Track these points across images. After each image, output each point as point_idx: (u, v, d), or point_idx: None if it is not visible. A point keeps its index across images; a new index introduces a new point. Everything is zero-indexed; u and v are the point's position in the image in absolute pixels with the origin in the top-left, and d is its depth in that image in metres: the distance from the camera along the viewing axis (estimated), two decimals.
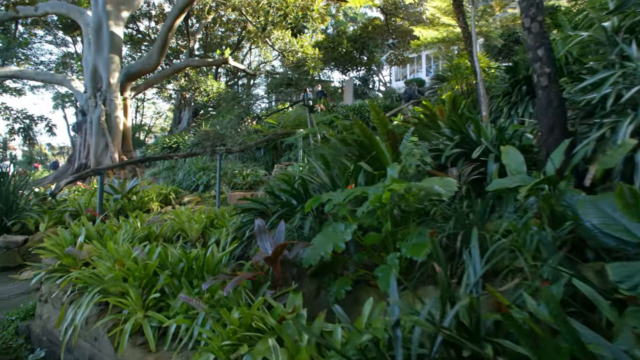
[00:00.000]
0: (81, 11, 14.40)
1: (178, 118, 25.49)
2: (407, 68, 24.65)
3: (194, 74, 20.59)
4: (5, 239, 4.28)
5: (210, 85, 20.13)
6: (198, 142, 4.10)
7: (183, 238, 3.96)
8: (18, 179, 5.17)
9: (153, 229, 3.68)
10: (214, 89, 20.03)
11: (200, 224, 3.96)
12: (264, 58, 26.47)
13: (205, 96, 20.51)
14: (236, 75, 28.36)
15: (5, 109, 22.18)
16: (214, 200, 6.06)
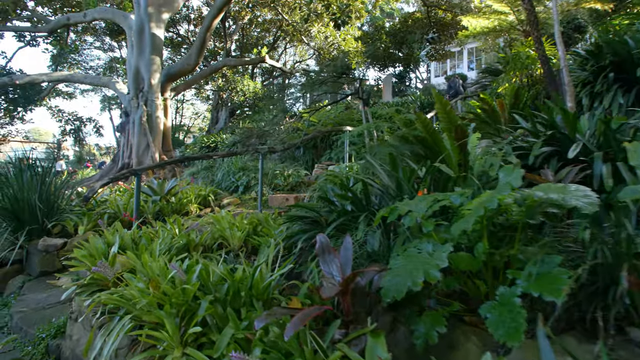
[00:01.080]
0: (125, 15, 14.64)
1: (215, 118, 25.75)
2: (447, 63, 23.44)
3: (230, 74, 20.61)
4: (45, 242, 4.06)
5: (246, 84, 20.06)
6: (240, 141, 3.72)
7: (224, 247, 3.54)
8: (63, 178, 4.99)
9: (192, 237, 3.28)
10: (251, 89, 19.93)
11: (243, 232, 3.53)
12: (300, 57, 26.13)
13: (242, 96, 20.48)
14: (271, 75, 28.31)
15: (59, 111, 23.28)
16: (254, 202, 5.66)
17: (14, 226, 4.28)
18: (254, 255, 3.59)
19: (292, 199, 5.14)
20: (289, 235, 3.03)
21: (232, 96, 21.04)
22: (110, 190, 7.24)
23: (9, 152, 18.65)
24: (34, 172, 4.59)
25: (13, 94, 18.74)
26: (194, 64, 13.77)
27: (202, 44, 13.55)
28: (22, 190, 4.39)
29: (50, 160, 4.99)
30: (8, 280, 4.04)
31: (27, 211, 4.36)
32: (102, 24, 21.23)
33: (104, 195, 6.32)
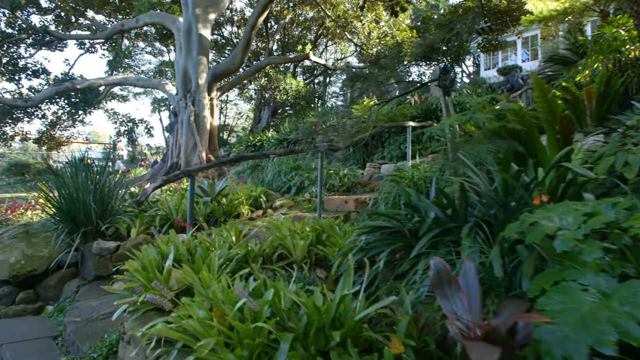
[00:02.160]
0: (173, 19, 14.89)
1: (258, 117, 25.89)
2: (498, 55, 21.88)
3: (273, 73, 20.53)
4: (99, 245, 3.87)
5: (289, 83, 19.87)
6: (300, 137, 3.32)
7: (284, 257, 3.12)
8: (117, 178, 4.84)
9: (251, 247, 2.88)
10: (293, 87, 19.72)
11: (306, 241, 3.09)
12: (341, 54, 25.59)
13: (285, 94, 20.32)
14: (312, 73, 28.03)
15: (114, 113, 24.47)
16: (309, 204, 5.24)
17: (69, 228, 4.16)
18: (319, 268, 3.14)
19: (351, 201, 4.65)
20: (365, 247, 2.54)
21: (275, 95, 20.96)
22: (160, 190, 7.16)
23: (72, 153, 19.50)
24: (89, 172, 4.46)
25: (75, 98, 19.82)
26: (239, 62, 13.69)
27: (247, 42, 13.43)
28: (77, 191, 4.27)
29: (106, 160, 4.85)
30: (64, 284, 3.90)
31: (82, 212, 4.23)
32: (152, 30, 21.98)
33: (155, 195, 6.19)
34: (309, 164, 5.91)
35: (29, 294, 3.77)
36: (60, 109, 20.25)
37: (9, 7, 17.06)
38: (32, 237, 4.02)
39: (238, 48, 13.72)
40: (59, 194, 4.32)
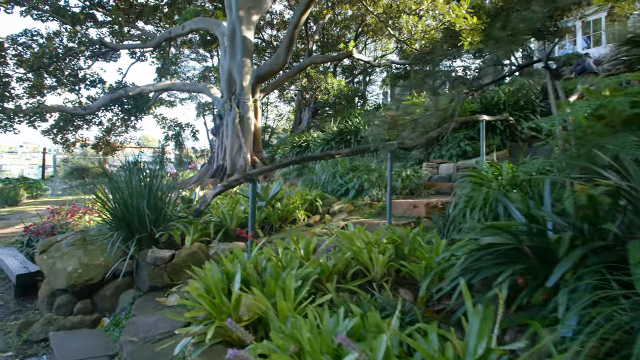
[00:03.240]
0: (217, 23, 15.00)
1: (299, 119, 25.75)
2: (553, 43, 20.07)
3: (314, 74, 20.23)
4: (154, 254, 3.62)
5: (330, 82, 19.46)
6: (375, 135, 2.85)
7: (361, 274, 2.65)
8: (167, 181, 4.62)
9: (324, 263, 2.44)
10: (335, 87, 19.28)
11: (386, 255, 2.60)
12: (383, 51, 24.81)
13: (326, 94, 19.95)
14: (352, 72, 27.45)
15: (162, 118, 25.41)
16: (370, 209, 4.74)
17: (124, 235, 3.96)
18: (402, 288, 2.64)
19: (421, 206, 4.09)
20: (473, 267, 2.01)
21: (316, 95, 20.65)
22: None
23: (125, 157, 20.20)
24: (142, 176, 4.26)
25: (127, 105, 20.71)
26: (282, 63, 13.48)
27: (290, 42, 13.17)
28: (131, 196, 4.07)
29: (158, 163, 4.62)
30: (120, 294, 3.70)
31: (136, 218, 4.03)
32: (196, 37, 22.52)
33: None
34: (368, 165, 5.41)
35: (86, 304, 3.60)
36: (115, 115, 21.27)
37: (70, 23, 18.10)
38: (88, 245, 3.86)
39: (281, 48, 13.51)
40: (113, 199, 4.15)
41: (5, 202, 12.52)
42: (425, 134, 2.99)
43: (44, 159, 22.65)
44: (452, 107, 2.69)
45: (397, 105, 2.63)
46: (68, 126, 20.31)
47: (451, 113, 2.70)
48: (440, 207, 4.14)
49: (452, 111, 2.71)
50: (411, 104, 3.01)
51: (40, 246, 3.87)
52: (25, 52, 18.12)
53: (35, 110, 17.39)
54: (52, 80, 19.63)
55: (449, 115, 2.68)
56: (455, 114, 2.76)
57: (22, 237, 5.78)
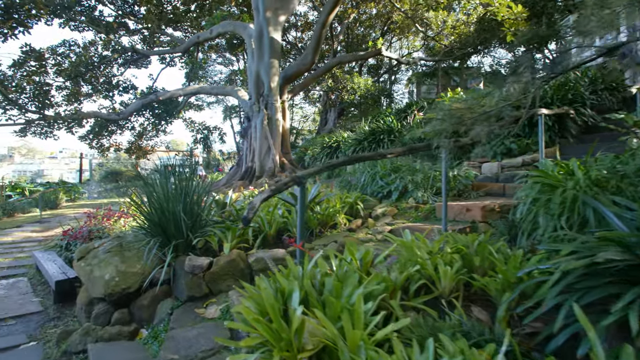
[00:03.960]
0: (244, 26, 14.98)
1: (324, 120, 25.54)
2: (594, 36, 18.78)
3: (340, 74, 19.94)
4: (191, 261, 3.42)
5: (357, 82, 19.10)
6: (438, 131, 2.52)
7: (425, 289, 2.31)
8: (204, 184, 4.43)
9: (388, 277, 2.12)
10: (362, 86, 18.90)
11: (455, 267, 2.25)
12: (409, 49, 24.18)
13: (352, 94, 19.60)
14: (377, 72, 26.95)
15: (191, 122, 25.84)
16: (416, 212, 4.37)
17: (161, 241, 3.79)
18: (474, 305, 2.27)
19: (476, 209, 3.69)
20: (576, 286, 1.63)
21: (342, 95, 20.33)
22: (244, 197, 6.79)
23: (159, 159, 20.50)
24: (177, 179, 4.09)
25: (158, 109, 21.15)
26: (310, 63, 13.26)
27: (318, 41, 12.93)
28: (167, 200, 3.90)
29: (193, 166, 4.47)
30: (157, 304, 3.52)
31: (172, 224, 3.85)
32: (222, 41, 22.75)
33: (238, 203, 5.78)
34: (412, 165, 5.03)
35: (124, 314, 3.44)
36: (146, 120, 21.77)
37: (104, 31, 18.68)
38: (125, 251, 3.72)
39: (308, 48, 13.30)
40: (149, 203, 4.00)
41: (46, 206, 12.96)
42: (502, 126, 2.61)
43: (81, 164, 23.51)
44: (531, 96, 2.30)
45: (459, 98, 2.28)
46: (103, 131, 20.98)
47: (531, 103, 2.31)
48: (497, 211, 3.72)
49: (532, 101, 2.32)
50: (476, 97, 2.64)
51: (77, 253, 3.77)
52: (63, 61, 18.84)
53: (72, 117, 18.03)
54: (88, 88, 20.35)
55: (529, 105, 2.29)
56: (535, 103, 2.37)
57: (60, 241, 5.81)
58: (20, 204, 12.34)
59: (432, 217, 4.24)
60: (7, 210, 11.73)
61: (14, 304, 4.41)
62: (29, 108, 16.92)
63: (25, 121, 16.95)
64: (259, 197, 2.16)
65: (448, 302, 2.26)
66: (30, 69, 17.03)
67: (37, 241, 8.00)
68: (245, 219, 2.01)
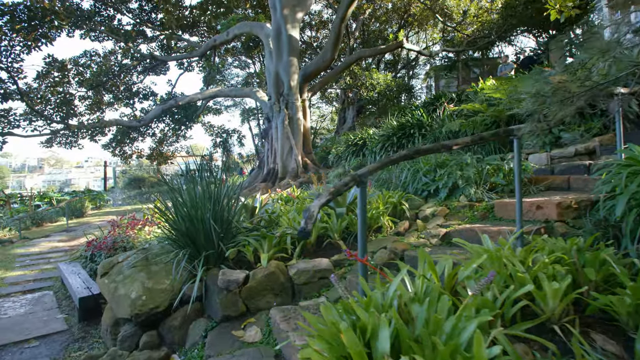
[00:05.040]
0: (261, 25, 14.65)
1: (343, 118, 25.03)
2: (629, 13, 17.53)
3: (358, 70, 19.41)
4: (225, 276, 3.00)
5: (376, 78, 18.51)
6: (534, 111, 2.05)
7: (529, 312, 1.79)
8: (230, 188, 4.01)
9: (488, 300, 1.62)
10: (381, 81, 18.29)
11: (565, 283, 1.72)
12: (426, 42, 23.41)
13: (371, 90, 19.01)
14: (395, 67, 26.25)
15: (210, 126, 25.81)
16: (470, 211, 3.82)
17: (190, 253, 3.39)
18: (595, 332, 1.74)
19: (550, 206, 3.12)
20: None
21: (361, 92, 19.77)
22: (272, 199, 6.38)
23: (186, 164, 20.44)
24: (206, 185, 3.70)
25: (177, 115, 21.14)
26: (329, 59, 12.78)
27: (337, 37, 12.44)
28: (195, 208, 3.51)
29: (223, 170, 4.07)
30: (189, 324, 3.11)
31: (202, 233, 3.45)
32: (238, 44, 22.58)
33: (268, 207, 5.36)
34: (460, 159, 4.48)
35: (152, 337, 3.05)
36: (166, 126, 21.81)
37: (123, 40, 18.77)
38: (151, 265, 3.34)
39: (327, 44, 12.82)
40: (175, 212, 3.61)
41: (72, 214, 12.97)
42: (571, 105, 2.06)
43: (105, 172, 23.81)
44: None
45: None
46: (125, 139, 21.13)
47: None
48: (574, 207, 3.15)
49: None
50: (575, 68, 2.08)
51: (101, 268, 3.42)
52: (85, 71, 19.05)
53: (95, 125, 18.16)
54: (109, 96, 20.54)
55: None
56: None
57: (85, 252, 5.55)
58: (48, 213, 12.40)
59: (490, 216, 3.69)
60: (35, 220, 11.78)
61: (38, 322, 4.12)
62: (54, 118, 17.13)
63: (50, 132, 17.17)
64: (317, 203, 1.70)
65: (561, 327, 1.74)
66: (53, 79, 17.24)
67: (63, 251, 7.84)
68: (303, 232, 1.55)
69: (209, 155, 33.19)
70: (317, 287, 3.12)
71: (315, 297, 3.06)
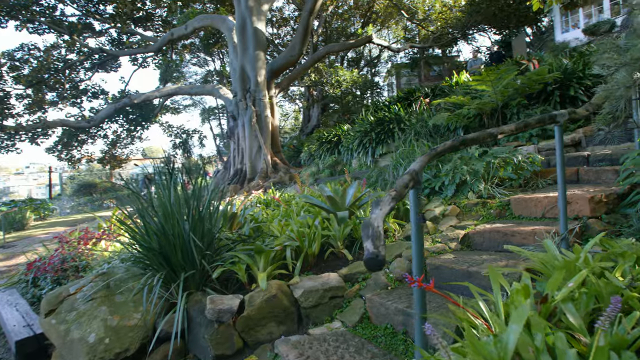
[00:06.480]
0: (223, 18, 13.72)
1: (308, 116, 24.54)
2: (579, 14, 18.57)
3: (324, 67, 18.99)
4: (214, 304, 2.35)
5: (342, 74, 18.18)
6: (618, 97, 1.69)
7: None
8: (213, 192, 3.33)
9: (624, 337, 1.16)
10: (347, 78, 17.99)
11: None
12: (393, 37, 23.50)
13: (337, 87, 18.65)
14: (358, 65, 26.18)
15: (169, 127, 24.17)
16: (484, 209, 3.44)
17: (165, 275, 2.69)
18: None
19: (582, 201, 2.79)
20: None
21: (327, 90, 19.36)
22: (250, 203, 5.69)
23: (132, 170, 18.80)
24: (182, 190, 2.99)
25: (132, 114, 19.50)
26: (298, 54, 12.19)
27: (306, 30, 11.87)
28: (167, 218, 2.80)
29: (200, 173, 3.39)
30: None
31: (179, 250, 2.75)
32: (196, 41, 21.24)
33: (248, 212, 4.70)
34: (463, 153, 4.11)
35: None
36: (120, 126, 20.06)
37: (67, 33, 16.87)
38: (115, 295, 2.59)
39: (296, 38, 12.22)
40: (143, 224, 2.88)
41: (11, 227, 11.31)
42: None
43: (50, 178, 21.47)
44: None
45: None
46: (72, 141, 19.11)
47: None
48: (605, 202, 2.85)
49: None
50: None
51: (45, 304, 2.56)
52: (22, 67, 16.93)
53: (36, 126, 16.17)
54: (52, 95, 18.45)
55: None
56: None
57: (25, 276, 4.54)
58: None
59: (508, 214, 3.33)
60: None
61: None
62: None
63: None
64: (379, 213, 1.15)
65: None
66: None
67: None
68: (375, 259, 0.99)
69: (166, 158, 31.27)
70: (328, 309, 2.56)
71: (327, 321, 2.51)
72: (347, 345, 2.06)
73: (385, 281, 2.61)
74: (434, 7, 14.97)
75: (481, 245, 2.93)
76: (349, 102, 19.92)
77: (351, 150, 8.76)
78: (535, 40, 18.26)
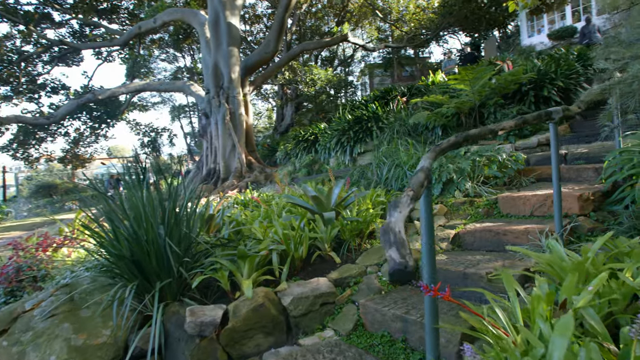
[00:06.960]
0: (194, 12, 13.20)
1: (281, 115, 24.22)
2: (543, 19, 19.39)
3: (298, 66, 18.77)
4: (195, 316, 2.13)
5: (317, 73, 18.04)
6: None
7: None
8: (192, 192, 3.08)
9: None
10: (322, 77, 17.86)
11: None
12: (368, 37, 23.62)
13: (312, 86, 18.50)
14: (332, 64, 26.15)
15: (136, 124, 23.07)
16: (471, 208, 3.40)
17: (137, 284, 2.42)
18: None
19: (571, 199, 2.79)
20: None
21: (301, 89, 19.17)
22: (226, 204, 5.43)
23: (96, 170, 17.76)
24: (154, 191, 2.73)
25: (96, 111, 18.43)
26: (272, 50, 11.91)
27: (281, 27, 11.63)
28: (140, 222, 2.54)
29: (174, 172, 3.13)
30: None
31: (153, 257, 2.50)
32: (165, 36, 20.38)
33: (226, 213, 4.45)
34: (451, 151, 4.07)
35: None
36: (83, 124, 18.90)
37: (23, 22, 15.64)
38: (80, 310, 2.30)
39: (271, 34, 11.93)
40: (113, 230, 2.59)
41: None
42: None
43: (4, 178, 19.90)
44: None
45: None
46: (29, 139, 17.80)
47: None
48: (592, 199, 2.87)
49: None
50: None
51: None
52: None
53: None
54: (6, 89, 17.08)
55: None
56: None
57: None
58: None
59: (495, 213, 3.31)
60: None
61: None
62: None
63: None
64: (398, 217, 1.00)
65: None
66: None
67: None
68: (403, 270, 0.84)
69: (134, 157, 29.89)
70: (318, 316, 2.40)
71: (319, 330, 2.35)
72: (343, 357, 1.91)
73: (378, 285, 2.48)
74: (407, 8, 15.14)
75: (472, 245, 2.87)
76: (322, 101, 19.85)
77: (329, 149, 8.64)
78: (502, 43, 18.92)
